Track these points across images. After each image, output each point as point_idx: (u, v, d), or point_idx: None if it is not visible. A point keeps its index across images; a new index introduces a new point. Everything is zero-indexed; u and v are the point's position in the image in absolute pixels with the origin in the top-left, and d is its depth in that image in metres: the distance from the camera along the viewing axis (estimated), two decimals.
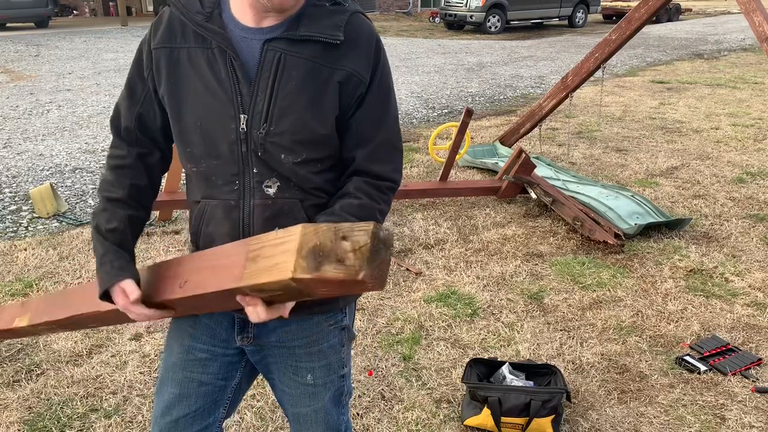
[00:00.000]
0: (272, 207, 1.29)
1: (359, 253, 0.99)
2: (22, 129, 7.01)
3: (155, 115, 1.36)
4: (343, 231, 1.02)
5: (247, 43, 1.27)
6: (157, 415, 1.47)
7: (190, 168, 1.35)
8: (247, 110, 1.25)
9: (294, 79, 1.24)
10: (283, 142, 1.26)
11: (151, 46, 1.32)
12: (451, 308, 3.28)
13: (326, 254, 1.00)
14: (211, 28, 1.26)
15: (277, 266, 1.04)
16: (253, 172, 1.28)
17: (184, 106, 1.29)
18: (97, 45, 14.61)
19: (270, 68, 1.25)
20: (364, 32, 1.29)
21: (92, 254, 3.82)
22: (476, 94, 9.00)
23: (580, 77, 5.04)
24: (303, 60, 1.25)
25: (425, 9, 23.87)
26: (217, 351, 1.44)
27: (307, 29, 1.24)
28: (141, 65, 1.34)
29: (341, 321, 1.46)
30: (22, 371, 2.76)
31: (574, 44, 14.67)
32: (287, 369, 1.45)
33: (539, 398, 2.36)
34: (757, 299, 3.35)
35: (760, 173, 5.36)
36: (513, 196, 4.75)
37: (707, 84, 9.50)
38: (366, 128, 1.31)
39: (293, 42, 1.25)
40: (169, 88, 1.30)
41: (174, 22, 1.30)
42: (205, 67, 1.27)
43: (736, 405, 2.55)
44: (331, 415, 1.49)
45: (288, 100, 1.25)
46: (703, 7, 25.70)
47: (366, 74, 1.28)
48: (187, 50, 1.28)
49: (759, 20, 3.87)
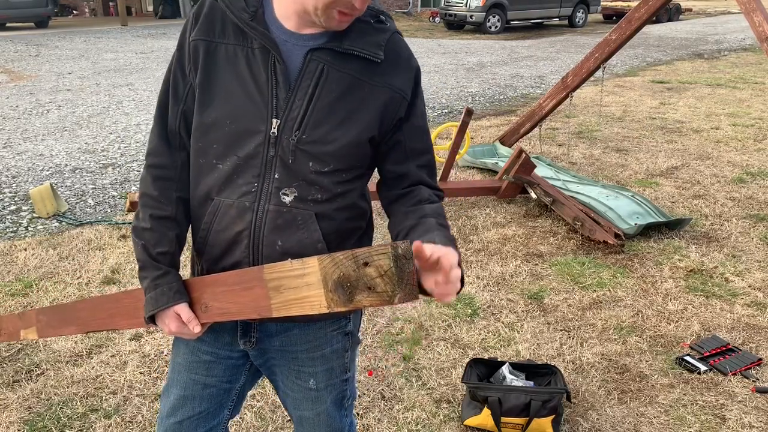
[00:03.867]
0: (285, 215, 1.27)
1: (387, 278, 0.99)
2: (21, 129, 7.01)
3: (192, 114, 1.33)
4: (363, 257, 1.02)
5: (288, 47, 1.26)
6: (162, 415, 1.47)
7: (211, 163, 1.29)
8: (281, 115, 1.24)
9: (334, 92, 1.25)
10: (313, 151, 1.25)
11: (190, 38, 1.28)
12: (451, 308, 3.27)
13: (354, 284, 1.00)
14: (257, 28, 1.24)
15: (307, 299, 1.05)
16: (274, 177, 1.27)
17: (214, 102, 1.27)
18: (97, 45, 14.61)
19: (311, 77, 1.24)
20: (404, 52, 1.32)
21: (92, 255, 3.84)
22: (476, 94, 9.00)
23: (580, 77, 5.04)
24: (345, 74, 1.26)
25: (425, 9, 23.86)
26: (222, 354, 1.44)
27: (351, 44, 1.25)
28: (183, 60, 1.30)
29: (345, 326, 1.45)
30: (22, 371, 2.76)
31: (574, 44, 14.67)
32: (290, 373, 1.45)
33: (539, 398, 2.36)
34: (757, 299, 3.35)
35: (760, 173, 5.36)
36: (513, 196, 4.74)
37: (707, 84, 9.50)
38: (415, 142, 1.35)
39: (337, 54, 1.25)
40: (201, 81, 1.27)
41: (214, 16, 1.28)
42: (243, 66, 1.25)
43: (737, 405, 2.55)
44: (334, 419, 1.49)
45: (324, 111, 1.25)
46: (703, 7, 25.70)
47: (408, 91, 1.31)
48: (225, 46, 1.26)
49: (759, 20, 3.87)
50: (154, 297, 1.29)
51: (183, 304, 1.29)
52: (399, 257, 1.01)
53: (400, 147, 1.34)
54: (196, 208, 1.35)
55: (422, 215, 1.28)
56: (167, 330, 1.31)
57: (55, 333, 1.54)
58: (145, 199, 1.33)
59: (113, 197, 4.93)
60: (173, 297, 1.29)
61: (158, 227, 1.32)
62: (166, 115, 1.33)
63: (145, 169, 1.35)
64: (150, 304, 1.30)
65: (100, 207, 4.72)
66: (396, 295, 0.98)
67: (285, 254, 1.26)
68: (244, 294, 1.21)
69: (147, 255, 1.31)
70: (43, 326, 1.57)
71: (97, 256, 3.87)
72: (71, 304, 1.52)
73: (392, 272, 0.99)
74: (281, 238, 1.27)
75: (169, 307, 1.29)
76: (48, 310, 1.56)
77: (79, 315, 1.50)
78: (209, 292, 1.28)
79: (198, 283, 1.31)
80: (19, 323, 1.62)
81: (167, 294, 1.29)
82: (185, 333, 1.31)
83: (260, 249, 1.27)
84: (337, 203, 1.31)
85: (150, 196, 1.33)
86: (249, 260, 1.28)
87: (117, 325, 1.44)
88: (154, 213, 1.32)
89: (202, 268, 1.37)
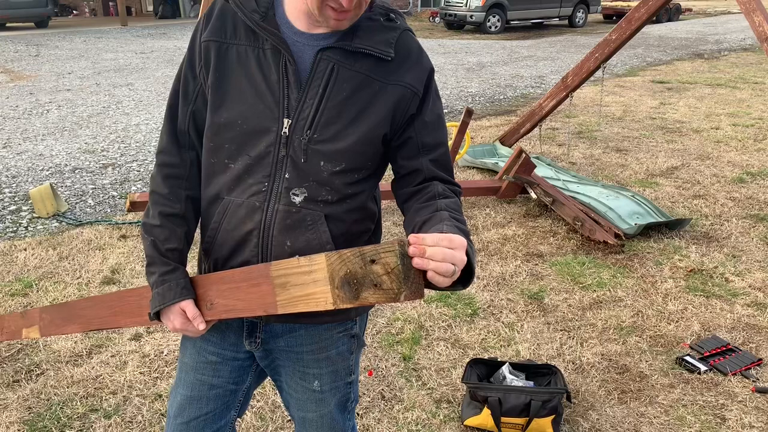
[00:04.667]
0: (295, 216, 1.27)
1: (393, 275, 0.99)
2: (21, 129, 7.01)
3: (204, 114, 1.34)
4: (370, 254, 1.03)
5: (299, 47, 1.26)
6: (170, 415, 1.47)
7: (222, 163, 1.30)
8: (292, 115, 1.25)
9: (345, 90, 1.25)
10: (325, 150, 1.26)
11: (201, 39, 1.29)
12: (451, 308, 3.27)
13: (360, 281, 1.01)
14: (268, 29, 1.25)
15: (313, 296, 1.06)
16: (284, 177, 1.27)
17: (226, 102, 1.28)
18: (97, 45, 14.61)
19: (322, 77, 1.24)
20: (414, 48, 1.31)
21: (92, 255, 3.84)
22: (476, 94, 9.00)
23: (580, 77, 5.04)
24: (355, 73, 1.25)
25: (425, 9, 23.85)
26: (228, 355, 1.44)
27: (361, 42, 1.25)
28: (193, 61, 1.31)
29: (351, 329, 1.45)
30: (22, 371, 2.76)
31: (574, 44, 14.67)
32: (295, 374, 1.45)
33: (539, 398, 2.36)
34: (757, 299, 3.35)
35: (760, 173, 5.36)
36: (513, 196, 4.74)
37: (707, 84, 9.50)
38: (426, 137, 1.33)
39: (347, 53, 1.25)
40: (213, 82, 1.28)
41: (226, 16, 1.29)
42: (254, 66, 1.26)
43: (737, 405, 2.55)
44: (337, 422, 1.49)
45: (336, 110, 1.25)
46: (703, 7, 25.70)
47: (419, 87, 1.30)
48: (236, 47, 1.27)
49: (759, 20, 3.87)
50: (161, 293, 1.30)
51: (189, 300, 1.29)
52: (405, 255, 1.01)
53: (411, 142, 1.33)
54: (206, 207, 1.36)
55: (435, 209, 1.26)
56: (171, 327, 1.31)
57: (57, 331, 1.54)
58: (155, 197, 1.35)
59: (113, 197, 4.93)
60: (180, 293, 1.29)
61: (167, 224, 1.33)
62: (176, 116, 1.35)
63: (156, 167, 1.37)
64: (156, 300, 1.30)
65: (100, 207, 4.72)
66: (402, 293, 0.99)
67: (294, 254, 1.26)
68: (250, 291, 1.21)
69: (156, 251, 1.32)
70: (46, 324, 1.56)
71: (97, 256, 3.87)
72: (74, 302, 1.52)
73: (399, 270, 0.99)
74: (290, 238, 1.27)
75: (175, 303, 1.29)
76: (51, 309, 1.56)
77: (83, 313, 1.50)
78: (215, 289, 1.28)
79: (204, 281, 1.31)
80: (22, 322, 1.62)
81: (174, 290, 1.29)
82: (190, 330, 1.31)
83: (269, 249, 1.27)
84: (347, 205, 1.31)
85: (160, 193, 1.34)
86: (258, 260, 1.29)
87: (120, 323, 1.44)
88: (164, 210, 1.33)
89: (209, 267, 1.37)
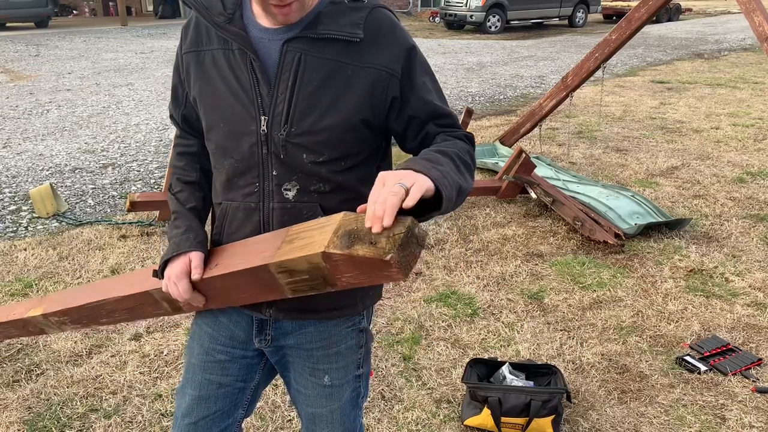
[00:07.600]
0: (291, 211, 1.28)
1: (391, 240, 1.01)
2: (21, 129, 7.01)
3: (197, 116, 1.39)
4: None
5: (266, 44, 1.26)
6: (178, 415, 1.47)
7: (215, 167, 1.37)
8: (268, 112, 1.25)
9: (315, 80, 1.23)
10: (304, 143, 1.25)
11: (182, 51, 1.35)
12: (451, 308, 3.27)
13: (360, 237, 1.04)
14: (232, 30, 1.26)
15: (310, 244, 1.09)
16: (272, 175, 1.28)
17: (209, 108, 1.31)
18: (97, 45, 14.61)
19: (290, 69, 1.24)
20: (385, 26, 1.26)
21: (92, 255, 3.84)
22: (476, 93, 8.99)
23: (580, 77, 5.04)
24: (324, 60, 1.23)
25: (425, 9, 23.85)
26: (236, 353, 1.45)
27: (325, 28, 1.23)
28: (179, 71, 1.38)
29: (359, 323, 1.45)
30: (22, 371, 2.76)
31: (574, 44, 14.66)
32: (304, 370, 1.45)
33: (539, 398, 2.36)
34: (757, 299, 3.35)
35: (760, 173, 5.36)
36: (513, 196, 4.74)
37: (707, 84, 9.50)
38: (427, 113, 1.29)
39: (313, 41, 1.23)
40: (197, 91, 1.33)
41: (200, 25, 1.32)
42: (226, 69, 1.28)
43: (737, 405, 2.55)
44: (348, 417, 1.49)
45: (309, 100, 1.24)
46: (703, 7, 25.70)
47: (396, 68, 1.25)
48: (211, 52, 1.30)
49: (759, 20, 3.87)
50: (178, 242, 1.33)
51: (200, 252, 1.32)
52: (412, 233, 1.03)
53: (415, 121, 1.29)
54: (213, 214, 1.44)
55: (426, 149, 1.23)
56: (167, 276, 1.31)
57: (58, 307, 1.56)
58: (174, 169, 1.48)
59: (113, 197, 4.93)
60: (195, 245, 1.33)
61: (187, 188, 1.44)
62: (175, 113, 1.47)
63: (173, 146, 1.52)
64: (171, 248, 1.33)
65: (100, 207, 4.72)
66: (390, 253, 0.99)
67: None
68: (259, 250, 1.22)
69: (182, 206, 1.41)
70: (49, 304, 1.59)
71: (97, 256, 3.87)
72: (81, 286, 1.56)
73: (399, 237, 1.01)
74: None
75: (186, 252, 1.31)
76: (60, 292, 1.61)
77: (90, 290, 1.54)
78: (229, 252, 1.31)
79: (227, 247, 1.34)
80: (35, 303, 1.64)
81: (191, 241, 1.33)
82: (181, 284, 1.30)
83: None
84: (341, 194, 1.31)
85: (177, 166, 1.48)
86: None
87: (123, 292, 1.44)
88: (182, 177, 1.45)
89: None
